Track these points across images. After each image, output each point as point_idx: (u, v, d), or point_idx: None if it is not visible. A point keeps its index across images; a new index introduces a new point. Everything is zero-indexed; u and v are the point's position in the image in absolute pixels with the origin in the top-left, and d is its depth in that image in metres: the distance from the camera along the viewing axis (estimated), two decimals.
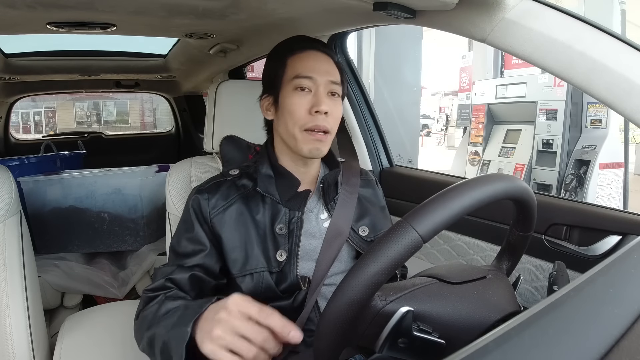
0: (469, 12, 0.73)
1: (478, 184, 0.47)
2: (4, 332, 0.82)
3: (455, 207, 0.44)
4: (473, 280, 0.52)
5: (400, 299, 0.46)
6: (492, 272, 0.57)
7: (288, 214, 0.77)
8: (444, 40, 9.30)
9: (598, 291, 0.37)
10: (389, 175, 1.42)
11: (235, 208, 0.77)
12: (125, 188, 1.60)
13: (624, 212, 0.87)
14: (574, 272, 0.76)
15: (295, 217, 0.77)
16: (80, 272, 1.56)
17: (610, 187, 3.38)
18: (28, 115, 12.67)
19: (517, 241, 0.60)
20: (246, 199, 0.78)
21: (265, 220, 0.77)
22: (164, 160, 1.89)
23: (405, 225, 0.43)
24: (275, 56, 0.81)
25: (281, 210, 0.78)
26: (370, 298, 0.44)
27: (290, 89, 0.76)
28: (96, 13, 1.02)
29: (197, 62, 1.89)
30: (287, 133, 0.77)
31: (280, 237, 0.76)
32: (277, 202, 0.78)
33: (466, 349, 0.29)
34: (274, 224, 0.77)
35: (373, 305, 0.46)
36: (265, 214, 0.77)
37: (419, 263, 1.24)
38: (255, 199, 0.78)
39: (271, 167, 0.80)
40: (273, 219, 0.77)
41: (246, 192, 0.79)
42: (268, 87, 0.81)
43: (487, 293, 0.52)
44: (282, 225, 0.77)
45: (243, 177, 0.81)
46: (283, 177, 0.79)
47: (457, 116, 5.38)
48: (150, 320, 0.66)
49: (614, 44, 0.63)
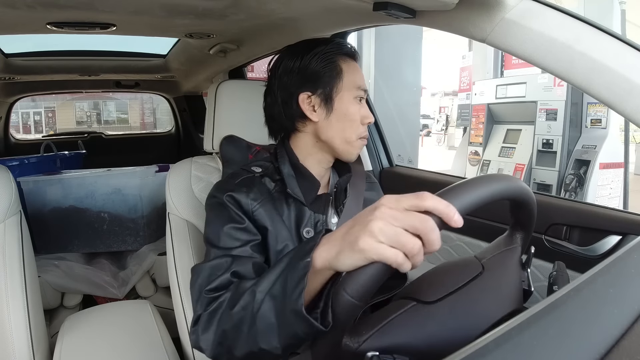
0: (469, 12, 0.73)
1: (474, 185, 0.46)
2: (4, 332, 0.82)
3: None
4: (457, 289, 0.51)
5: (372, 338, 0.45)
6: (492, 260, 0.56)
7: (314, 217, 0.76)
8: (444, 41, 9.30)
9: (598, 291, 0.37)
10: (389, 175, 1.42)
11: (268, 205, 0.74)
12: (125, 188, 1.60)
13: (624, 212, 0.87)
14: (574, 272, 0.76)
15: (320, 220, 0.76)
16: (80, 272, 1.56)
17: (610, 187, 3.38)
18: (28, 115, 12.67)
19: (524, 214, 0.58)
20: (272, 199, 0.76)
21: (291, 222, 0.75)
22: (164, 160, 1.89)
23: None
24: (322, 55, 0.76)
25: (306, 212, 0.76)
26: None
27: (351, 96, 0.76)
28: (96, 13, 1.01)
29: (197, 62, 1.89)
30: (340, 138, 0.77)
31: None
32: (302, 204, 0.76)
33: (466, 349, 0.29)
34: (299, 226, 0.75)
35: (345, 347, 0.45)
36: (291, 216, 0.76)
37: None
38: (280, 199, 0.76)
39: (292, 167, 0.78)
40: (298, 222, 0.76)
41: (270, 192, 0.76)
42: (311, 86, 0.76)
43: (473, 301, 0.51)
44: (309, 229, 0.75)
45: (265, 177, 0.78)
46: (305, 179, 0.78)
47: (457, 116, 5.38)
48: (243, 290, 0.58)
49: (614, 44, 0.63)
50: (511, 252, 0.59)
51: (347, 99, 0.76)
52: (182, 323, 0.91)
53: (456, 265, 0.58)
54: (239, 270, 0.65)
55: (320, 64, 0.76)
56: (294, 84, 0.77)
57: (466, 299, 0.50)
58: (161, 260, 1.63)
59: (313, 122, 0.77)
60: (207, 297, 0.63)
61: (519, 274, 0.58)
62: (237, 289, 0.60)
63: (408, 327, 0.47)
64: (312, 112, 0.77)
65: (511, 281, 0.57)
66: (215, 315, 0.60)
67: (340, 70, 0.76)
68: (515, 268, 0.58)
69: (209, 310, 0.62)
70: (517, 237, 0.60)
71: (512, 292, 0.56)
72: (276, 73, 0.79)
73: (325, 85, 0.76)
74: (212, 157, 1.04)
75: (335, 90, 0.76)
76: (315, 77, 0.76)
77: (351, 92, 0.76)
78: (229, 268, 0.65)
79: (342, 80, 0.76)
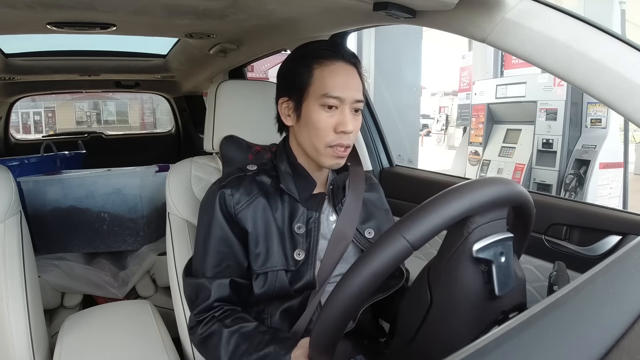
0: (469, 12, 0.73)
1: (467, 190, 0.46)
2: (4, 332, 0.82)
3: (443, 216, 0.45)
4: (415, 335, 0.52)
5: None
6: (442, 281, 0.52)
7: (306, 214, 0.78)
8: (444, 40, 9.30)
9: (598, 291, 0.37)
10: (389, 175, 1.42)
11: (258, 203, 0.77)
12: (125, 188, 1.60)
13: (624, 212, 0.87)
14: (574, 272, 0.76)
15: (312, 217, 0.78)
16: (80, 272, 1.56)
17: (610, 186, 3.38)
18: (28, 115, 12.67)
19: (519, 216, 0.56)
20: (266, 195, 0.78)
21: (284, 218, 0.77)
22: (164, 160, 1.89)
23: (395, 233, 0.45)
24: (299, 60, 0.77)
25: (299, 209, 0.78)
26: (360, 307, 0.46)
27: (316, 104, 0.74)
28: (96, 13, 1.02)
29: (197, 62, 1.89)
30: (309, 145, 0.76)
31: (298, 236, 0.77)
32: (296, 201, 0.78)
33: (466, 349, 0.29)
34: (292, 222, 0.77)
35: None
36: (284, 212, 0.78)
37: (419, 263, 1.23)
38: (274, 195, 0.78)
39: (290, 165, 0.80)
40: (291, 218, 0.78)
41: (266, 188, 0.79)
42: (288, 91, 0.78)
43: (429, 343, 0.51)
44: (300, 225, 0.77)
45: (261, 174, 0.80)
46: (301, 177, 0.80)
47: (457, 116, 5.38)
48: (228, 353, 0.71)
49: (614, 44, 0.63)
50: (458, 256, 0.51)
51: (312, 106, 0.74)
52: (182, 323, 0.91)
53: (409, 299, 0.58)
54: (220, 297, 0.75)
55: (295, 67, 0.77)
56: (279, 88, 0.81)
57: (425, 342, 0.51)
58: (161, 260, 1.63)
59: (293, 127, 0.80)
60: (195, 320, 0.77)
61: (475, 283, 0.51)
62: (219, 344, 0.72)
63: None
64: (286, 117, 0.79)
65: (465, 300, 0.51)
66: (207, 343, 0.74)
67: (310, 76, 0.74)
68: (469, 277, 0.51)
69: (203, 335, 0.75)
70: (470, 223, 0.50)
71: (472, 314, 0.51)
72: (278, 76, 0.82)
73: (296, 91, 0.76)
74: (212, 157, 1.04)
75: (303, 96, 0.75)
76: (288, 82, 0.78)
77: (318, 99, 0.73)
78: (210, 295, 0.75)
79: (311, 85, 0.74)
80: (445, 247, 0.53)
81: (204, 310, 0.75)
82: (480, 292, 0.51)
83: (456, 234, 0.52)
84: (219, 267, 0.76)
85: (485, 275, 0.51)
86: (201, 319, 0.75)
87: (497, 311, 0.53)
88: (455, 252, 0.51)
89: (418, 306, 0.53)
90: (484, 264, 0.51)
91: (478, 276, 0.51)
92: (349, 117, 0.74)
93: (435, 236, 0.46)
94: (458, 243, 0.51)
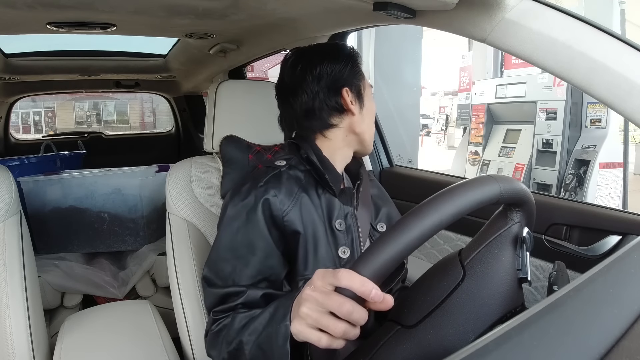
0: (469, 12, 0.73)
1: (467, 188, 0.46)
2: (4, 332, 0.82)
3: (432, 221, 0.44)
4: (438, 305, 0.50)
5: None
6: (477, 258, 0.53)
7: (343, 209, 0.76)
8: (444, 40, 9.30)
9: (598, 291, 0.37)
10: (389, 175, 1.42)
11: (302, 201, 0.73)
12: (125, 188, 1.60)
13: (624, 212, 0.87)
14: (574, 272, 0.76)
15: (349, 212, 0.76)
16: (80, 272, 1.56)
17: (610, 186, 3.38)
18: (28, 115, 12.67)
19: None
20: (307, 192, 0.75)
21: (323, 215, 0.74)
22: (164, 160, 1.89)
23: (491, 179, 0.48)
24: (343, 56, 0.79)
25: (336, 204, 0.75)
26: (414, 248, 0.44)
27: (369, 94, 0.82)
28: (96, 13, 1.01)
29: (197, 62, 1.89)
30: (368, 132, 0.82)
31: (339, 233, 0.74)
32: (332, 196, 0.76)
33: (466, 349, 0.29)
34: (331, 219, 0.75)
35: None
36: (323, 208, 0.75)
37: (419, 263, 1.24)
38: (311, 191, 0.75)
39: (319, 159, 0.77)
40: (330, 213, 0.75)
41: (303, 184, 0.75)
42: (349, 82, 0.78)
43: (457, 314, 0.50)
44: (340, 221, 0.75)
45: (293, 169, 0.76)
46: (330, 172, 0.76)
47: (457, 116, 5.38)
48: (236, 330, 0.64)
49: (614, 44, 0.63)
50: (501, 239, 0.54)
51: (370, 96, 0.82)
52: (182, 323, 0.91)
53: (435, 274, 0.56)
54: (247, 302, 0.69)
55: (344, 62, 0.79)
56: (336, 80, 0.77)
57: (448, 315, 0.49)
58: (161, 260, 1.63)
59: (349, 116, 0.78)
60: (213, 318, 0.71)
61: (511, 265, 0.53)
62: (230, 328, 0.65)
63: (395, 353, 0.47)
64: (353, 106, 0.78)
65: (501, 278, 0.53)
66: (218, 337, 0.68)
67: (357, 67, 0.81)
68: (507, 259, 0.54)
69: (214, 330, 0.69)
70: (514, 215, 0.55)
71: (503, 291, 0.52)
72: (312, 72, 0.77)
73: (356, 83, 0.79)
74: (212, 157, 1.04)
75: (362, 87, 0.81)
76: (346, 74, 0.78)
77: (368, 89, 0.83)
78: (237, 301, 0.69)
79: (363, 78, 0.81)
80: (488, 231, 0.56)
81: (226, 311, 0.69)
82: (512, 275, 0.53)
83: (501, 221, 0.56)
84: (253, 279, 0.70)
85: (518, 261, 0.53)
86: (220, 317, 0.69)
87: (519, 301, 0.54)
88: (499, 236, 0.54)
89: (447, 280, 0.52)
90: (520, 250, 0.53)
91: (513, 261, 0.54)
92: None
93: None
94: (503, 228, 0.54)
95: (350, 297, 0.43)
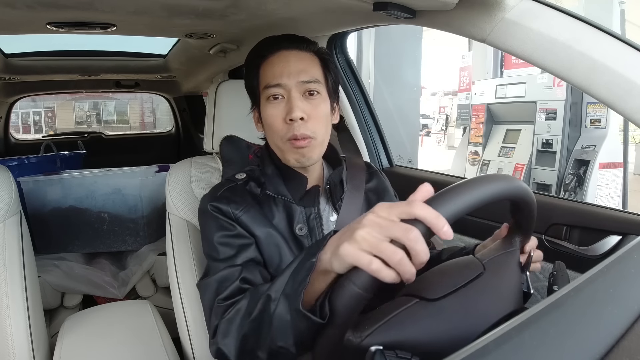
0: (469, 12, 0.73)
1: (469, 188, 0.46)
2: (4, 332, 0.82)
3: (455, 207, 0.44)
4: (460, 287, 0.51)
5: (375, 333, 0.45)
6: (493, 261, 0.56)
7: (304, 212, 0.75)
8: (444, 40, 9.29)
9: (598, 291, 0.37)
10: (388, 175, 1.41)
11: (254, 211, 0.73)
12: (125, 188, 1.60)
13: (624, 212, 0.87)
14: (574, 272, 0.76)
15: (312, 214, 0.75)
16: (80, 272, 1.56)
17: (610, 187, 3.38)
18: (28, 115, 12.67)
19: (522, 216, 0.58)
20: (260, 204, 0.74)
21: (283, 223, 0.74)
22: (164, 160, 1.89)
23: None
24: (250, 65, 0.76)
25: (296, 209, 0.75)
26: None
27: (264, 100, 0.73)
28: (96, 13, 1.01)
29: (197, 62, 1.89)
30: (274, 146, 0.75)
31: (302, 238, 0.74)
32: (290, 202, 0.75)
33: (466, 349, 0.29)
34: (292, 225, 0.74)
35: (348, 342, 0.45)
36: (281, 217, 0.74)
37: None
38: (267, 202, 0.75)
39: (276, 168, 0.78)
40: (290, 221, 0.74)
41: (257, 197, 0.75)
42: (252, 100, 0.79)
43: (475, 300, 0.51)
44: (301, 225, 0.74)
45: (250, 182, 0.77)
46: (290, 177, 0.76)
47: (457, 116, 5.38)
48: (259, 294, 0.58)
49: (614, 44, 0.63)
50: (511, 255, 0.59)
51: (263, 104, 0.74)
52: (182, 323, 0.91)
53: (457, 264, 0.58)
54: (248, 277, 0.66)
55: (248, 75, 0.77)
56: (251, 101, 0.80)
57: (468, 298, 0.50)
58: (161, 260, 1.63)
59: None
60: (221, 306, 0.64)
61: (518, 276, 0.59)
62: (255, 293, 0.60)
63: (411, 324, 0.47)
64: (258, 126, 0.80)
65: (511, 283, 0.57)
66: (233, 322, 0.61)
67: (257, 75, 0.74)
68: (515, 270, 0.59)
69: (226, 317, 0.62)
70: (516, 240, 0.61)
71: (512, 293, 0.56)
72: None
73: (253, 96, 0.77)
74: (212, 157, 1.04)
75: (259, 98, 0.75)
76: (249, 91, 0.79)
77: (263, 94, 0.73)
78: (238, 277, 0.66)
79: (259, 84, 0.74)
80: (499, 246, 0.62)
81: (232, 295, 0.64)
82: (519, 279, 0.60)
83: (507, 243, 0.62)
84: (235, 259, 0.69)
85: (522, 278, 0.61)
86: (227, 302, 0.64)
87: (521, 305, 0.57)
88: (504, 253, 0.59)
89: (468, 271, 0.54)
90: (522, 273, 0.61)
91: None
92: (297, 102, 0.70)
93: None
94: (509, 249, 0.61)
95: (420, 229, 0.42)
